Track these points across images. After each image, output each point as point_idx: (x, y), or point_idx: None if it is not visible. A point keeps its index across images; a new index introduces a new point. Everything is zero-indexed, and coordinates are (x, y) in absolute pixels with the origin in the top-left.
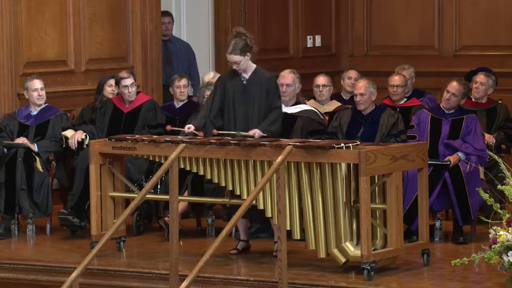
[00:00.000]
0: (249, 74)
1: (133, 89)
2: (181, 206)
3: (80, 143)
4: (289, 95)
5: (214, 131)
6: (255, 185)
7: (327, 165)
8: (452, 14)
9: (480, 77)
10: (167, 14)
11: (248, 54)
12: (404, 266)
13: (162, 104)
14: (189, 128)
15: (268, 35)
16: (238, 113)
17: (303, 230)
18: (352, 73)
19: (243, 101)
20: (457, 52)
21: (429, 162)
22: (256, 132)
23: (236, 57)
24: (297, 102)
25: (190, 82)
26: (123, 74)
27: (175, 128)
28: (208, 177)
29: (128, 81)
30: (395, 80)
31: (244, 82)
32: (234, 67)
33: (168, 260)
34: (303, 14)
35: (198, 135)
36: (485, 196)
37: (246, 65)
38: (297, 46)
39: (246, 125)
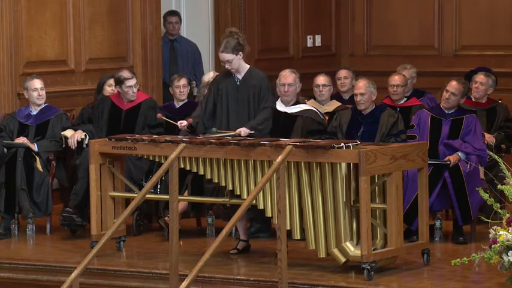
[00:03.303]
0: (243, 74)
1: (136, 89)
2: (181, 206)
3: (80, 143)
4: (291, 94)
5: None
6: (255, 185)
7: (327, 165)
8: (452, 14)
9: (480, 77)
10: (175, 13)
11: (240, 53)
12: (404, 266)
13: (162, 103)
14: (181, 123)
15: (268, 35)
16: (232, 113)
17: (303, 230)
18: (343, 73)
19: (236, 101)
20: (457, 52)
21: (429, 162)
22: (242, 130)
23: (228, 56)
24: (297, 102)
25: (195, 82)
26: (127, 74)
27: (168, 120)
28: (208, 177)
29: (132, 81)
30: (395, 79)
31: (238, 82)
32: (226, 66)
33: (168, 260)
34: (303, 14)
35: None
36: (485, 196)
37: (239, 65)
38: (297, 46)
39: (238, 125)
